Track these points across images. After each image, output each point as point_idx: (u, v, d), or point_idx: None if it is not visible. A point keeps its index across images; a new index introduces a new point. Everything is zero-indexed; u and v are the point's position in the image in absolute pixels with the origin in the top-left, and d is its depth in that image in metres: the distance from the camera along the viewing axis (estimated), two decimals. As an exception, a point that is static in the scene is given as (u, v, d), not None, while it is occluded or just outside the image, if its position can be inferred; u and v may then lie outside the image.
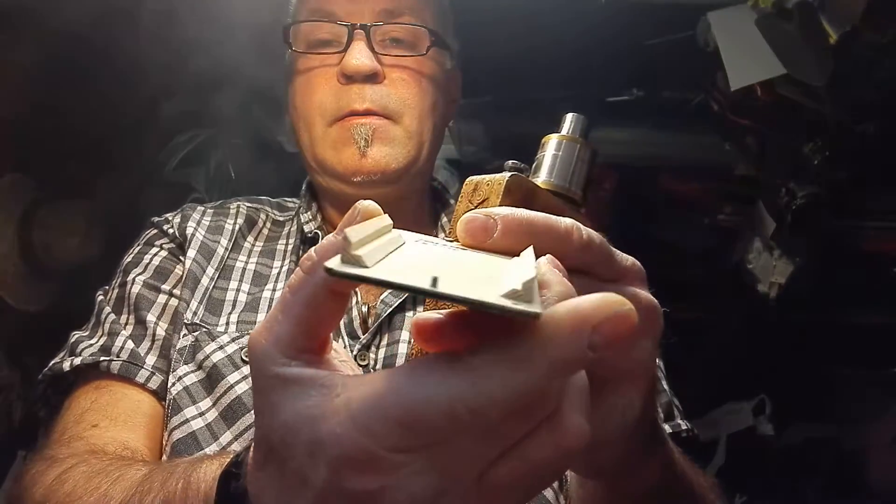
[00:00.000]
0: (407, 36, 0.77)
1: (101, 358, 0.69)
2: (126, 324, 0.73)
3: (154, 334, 0.72)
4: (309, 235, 0.80)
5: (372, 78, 0.74)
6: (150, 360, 0.70)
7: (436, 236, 0.81)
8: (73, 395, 0.69)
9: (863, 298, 1.61)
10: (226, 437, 0.64)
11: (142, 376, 0.69)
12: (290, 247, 0.81)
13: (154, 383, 0.69)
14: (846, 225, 1.49)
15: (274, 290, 0.75)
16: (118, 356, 0.69)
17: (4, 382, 1.23)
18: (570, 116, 0.42)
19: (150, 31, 1.22)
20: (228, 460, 0.35)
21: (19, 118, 1.21)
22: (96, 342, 0.71)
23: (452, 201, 0.88)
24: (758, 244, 1.45)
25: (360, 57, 0.73)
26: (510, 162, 0.39)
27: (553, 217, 0.33)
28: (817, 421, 1.66)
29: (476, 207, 0.35)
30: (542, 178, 0.41)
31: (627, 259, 0.37)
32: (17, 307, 1.28)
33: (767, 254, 1.44)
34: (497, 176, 0.36)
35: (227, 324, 0.72)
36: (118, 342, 0.71)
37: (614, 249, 0.36)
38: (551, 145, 0.41)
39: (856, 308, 1.62)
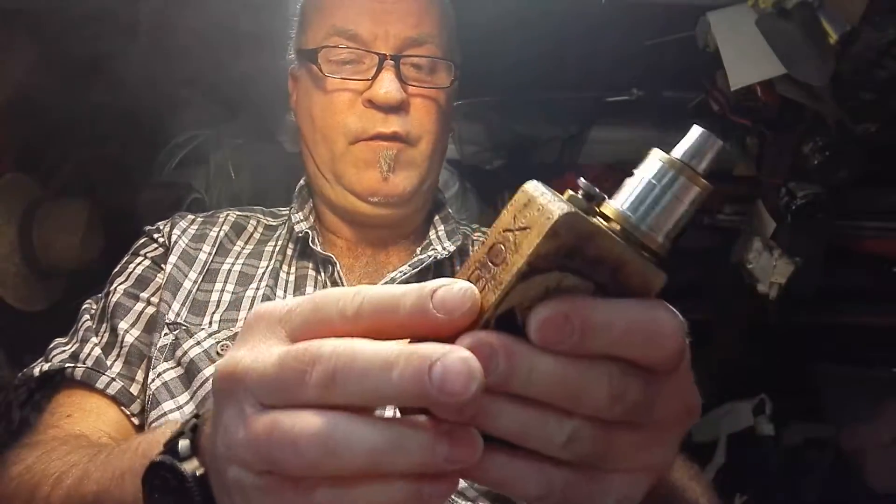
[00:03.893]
0: (428, 63, 0.78)
1: (67, 365, 0.71)
2: (102, 332, 0.76)
3: (122, 342, 0.74)
4: (299, 235, 0.80)
5: (398, 107, 0.76)
6: (116, 367, 0.73)
7: (429, 235, 0.82)
8: (53, 397, 0.73)
9: (863, 298, 1.61)
10: None
11: (101, 382, 0.71)
12: (278, 246, 0.82)
13: (113, 389, 0.71)
14: (846, 225, 1.49)
15: (258, 288, 0.77)
16: (84, 363, 0.72)
17: (4, 382, 1.23)
18: (694, 133, 0.30)
19: (150, 31, 1.22)
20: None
21: (20, 118, 1.21)
22: (69, 349, 0.74)
23: (446, 203, 0.90)
24: (758, 244, 1.45)
25: (390, 89, 0.74)
26: (582, 182, 0.29)
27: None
28: (817, 421, 1.67)
29: (516, 231, 0.29)
30: (614, 207, 0.30)
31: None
32: (17, 307, 1.28)
33: (767, 254, 1.43)
34: (553, 205, 0.28)
35: (211, 322, 0.74)
36: (86, 349, 0.73)
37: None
38: (649, 167, 0.30)
39: (856, 308, 1.62)
